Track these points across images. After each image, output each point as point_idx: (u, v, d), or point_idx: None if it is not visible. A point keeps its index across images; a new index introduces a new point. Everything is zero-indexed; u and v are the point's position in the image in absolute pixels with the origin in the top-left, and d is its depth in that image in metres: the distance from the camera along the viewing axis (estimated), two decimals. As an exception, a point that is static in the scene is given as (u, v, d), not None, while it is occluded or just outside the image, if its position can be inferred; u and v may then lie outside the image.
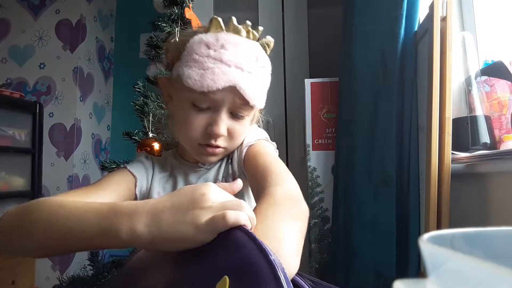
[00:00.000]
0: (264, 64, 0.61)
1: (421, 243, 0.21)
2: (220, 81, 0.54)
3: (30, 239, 0.45)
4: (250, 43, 0.60)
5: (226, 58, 0.56)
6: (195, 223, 0.37)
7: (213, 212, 0.38)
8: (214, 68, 0.55)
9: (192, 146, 0.63)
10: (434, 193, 0.90)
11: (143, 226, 0.38)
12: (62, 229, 0.43)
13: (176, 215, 0.38)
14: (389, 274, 1.05)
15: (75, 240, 0.42)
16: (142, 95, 1.19)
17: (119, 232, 0.39)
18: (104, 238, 0.40)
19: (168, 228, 0.38)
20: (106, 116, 2.45)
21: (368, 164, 1.14)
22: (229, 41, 0.57)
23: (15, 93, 1.82)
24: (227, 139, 0.62)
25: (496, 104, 0.99)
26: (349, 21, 1.28)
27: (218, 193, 0.41)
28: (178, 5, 1.22)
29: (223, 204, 0.39)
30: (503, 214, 0.82)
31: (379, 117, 1.14)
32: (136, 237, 0.38)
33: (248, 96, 0.57)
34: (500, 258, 0.21)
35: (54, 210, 0.45)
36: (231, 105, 0.59)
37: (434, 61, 0.93)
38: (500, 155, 0.81)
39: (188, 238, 0.37)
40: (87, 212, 0.43)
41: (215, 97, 0.57)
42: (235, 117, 0.61)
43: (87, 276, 1.20)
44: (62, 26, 2.16)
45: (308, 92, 1.39)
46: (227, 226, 0.36)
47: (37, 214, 0.46)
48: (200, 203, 0.38)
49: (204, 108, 0.59)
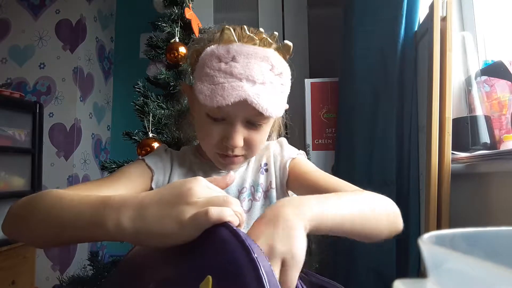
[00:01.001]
0: (282, 71, 0.59)
1: (421, 243, 0.21)
2: (230, 97, 0.53)
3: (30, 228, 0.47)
4: (263, 51, 0.58)
5: (236, 71, 0.54)
6: (179, 219, 0.37)
7: (197, 208, 0.37)
8: (224, 83, 0.54)
9: (210, 154, 0.63)
10: (434, 193, 0.90)
11: (128, 219, 0.38)
12: (58, 219, 0.44)
13: (161, 210, 0.38)
14: (389, 274, 1.05)
15: (70, 231, 0.43)
16: (142, 95, 1.19)
17: (106, 224, 0.39)
18: (94, 229, 0.40)
19: (152, 222, 0.37)
20: (106, 116, 2.45)
21: (368, 164, 1.14)
22: (241, 53, 0.56)
23: (15, 93, 1.82)
24: (245, 148, 0.61)
25: (496, 104, 0.99)
26: (349, 21, 1.28)
27: (205, 188, 0.40)
28: (178, 5, 1.22)
29: (209, 200, 0.38)
30: (503, 214, 0.82)
31: (379, 117, 1.14)
32: (121, 230, 0.38)
33: (261, 108, 0.54)
34: (500, 258, 0.21)
35: (53, 202, 0.46)
36: (246, 116, 0.58)
37: (434, 61, 0.93)
38: (500, 155, 0.81)
39: (172, 234, 0.37)
40: (81, 204, 0.43)
41: (228, 110, 0.56)
42: (251, 126, 0.59)
43: (87, 276, 1.20)
44: (62, 26, 2.16)
45: (308, 92, 1.39)
46: (210, 222, 0.36)
47: (38, 205, 0.47)
48: (186, 198, 0.38)
49: (219, 119, 0.58)
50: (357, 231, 0.48)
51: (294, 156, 0.67)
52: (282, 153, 0.68)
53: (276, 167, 0.67)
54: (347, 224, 0.46)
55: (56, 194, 0.48)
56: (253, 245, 0.33)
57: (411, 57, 1.12)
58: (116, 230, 0.39)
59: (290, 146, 0.71)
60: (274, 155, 0.69)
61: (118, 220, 0.39)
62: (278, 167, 0.67)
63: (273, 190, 0.66)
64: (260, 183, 0.66)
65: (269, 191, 0.66)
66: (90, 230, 0.41)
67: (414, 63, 1.12)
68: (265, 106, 0.54)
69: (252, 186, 0.67)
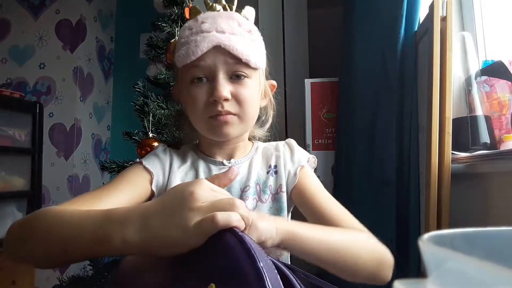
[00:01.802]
0: (250, 29, 0.62)
1: (421, 243, 0.21)
2: (202, 46, 0.56)
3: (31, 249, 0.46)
4: (228, 13, 0.62)
5: (205, 27, 0.58)
6: (184, 227, 0.36)
7: (202, 214, 0.36)
8: (197, 38, 0.58)
9: (204, 123, 0.62)
10: (434, 193, 0.90)
11: (134, 232, 0.38)
12: (60, 238, 0.43)
13: (165, 219, 0.37)
14: (389, 274, 1.05)
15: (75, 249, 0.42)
16: (142, 95, 1.19)
17: (113, 240, 0.38)
18: (102, 246, 0.40)
19: (158, 233, 0.37)
20: (106, 116, 2.45)
21: (368, 164, 1.14)
22: (207, 17, 0.61)
23: (15, 93, 1.82)
24: (235, 104, 0.60)
25: (496, 104, 0.99)
26: (349, 21, 1.28)
27: (208, 191, 0.39)
28: (178, 5, 1.22)
29: (214, 204, 0.37)
30: (503, 214, 0.82)
31: (379, 117, 1.14)
32: (128, 244, 0.38)
33: (236, 50, 0.57)
34: (500, 258, 0.21)
35: (53, 221, 0.45)
36: (226, 67, 0.58)
37: (434, 61, 0.93)
38: (500, 155, 0.81)
39: (179, 243, 0.36)
40: (82, 221, 0.42)
41: (206, 63, 0.58)
42: (235, 80, 0.60)
43: (87, 276, 1.20)
44: (62, 26, 2.16)
45: (308, 92, 1.39)
46: (217, 229, 0.35)
47: (37, 225, 0.46)
48: (189, 204, 0.37)
49: (202, 79, 0.59)
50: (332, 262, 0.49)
51: (304, 163, 0.66)
52: (292, 158, 0.67)
53: (286, 171, 0.66)
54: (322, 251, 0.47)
55: (55, 211, 0.47)
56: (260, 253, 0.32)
57: (411, 57, 1.12)
58: (123, 245, 0.38)
59: (300, 149, 0.70)
60: (284, 158, 0.67)
61: (123, 234, 0.38)
62: (288, 171, 0.66)
63: (283, 193, 0.65)
64: (269, 184, 0.65)
65: (279, 194, 0.65)
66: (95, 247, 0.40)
67: (414, 63, 1.12)
68: (239, 48, 0.57)
69: (258, 184, 0.65)
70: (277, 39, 1.72)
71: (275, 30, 1.72)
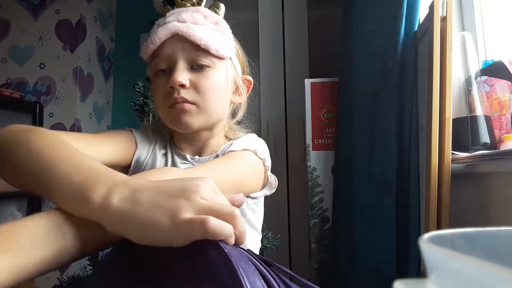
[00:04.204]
0: (217, 21, 0.63)
1: (421, 243, 0.21)
2: (161, 35, 0.58)
3: (10, 163, 0.43)
4: (195, 8, 0.63)
5: (168, 20, 0.60)
6: (172, 214, 0.32)
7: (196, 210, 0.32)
8: (158, 30, 0.59)
9: (164, 113, 0.61)
10: (434, 193, 0.90)
11: (119, 198, 0.34)
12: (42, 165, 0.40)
13: (157, 197, 0.34)
14: (389, 274, 1.05)
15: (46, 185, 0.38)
16: (142, 95, 1.19)
17: (94, 193, 0.35)
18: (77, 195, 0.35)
19: (143, 209, 0.33)
20: (106, 116, 2.45)
21: (368, 164, 1.14)
22: (174, 12, 0.62)
23: (15, 93, 1.82)
24: (193, 93, 0.58)
25: (496, 104, 0.99)
26: (349, 21, 1.28)
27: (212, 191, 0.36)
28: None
29: (212, 206, 0.33)
30: (503, 214, 0.82)
31: (379, 117, 1.14)
32: (107, 206, 0.34)
33: (194, 37, 0.57)
34: (500, 258, 0.21)
35: (44, 143, 0.43)
36: (185, 54, 0.59)
37: (434, 61, 0.93)
38: (500, 155, 0.81)
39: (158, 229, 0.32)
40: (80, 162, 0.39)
41: (166, 52, 0.58)
42: (196, 69, 0.59)
43: (87, 276, 1.20)
44: (62, 26, 2.16)
45: (308, 92, 1.39)
46: (204, 235, 0.30)
47: (27, 140, 0.44)
48: (188, 193, 0.33)
49: (165, 71, 0.60)
50: None
51: (236, 149, 0.61)
52: (232, 144, 0.64)
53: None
54: None
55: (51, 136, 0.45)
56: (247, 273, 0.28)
57: (411, 57, 1.12)
58: (101, 204, 0.34)
59: (250, 140, 0.65)
60: (226, 147, 0.64)
61: (107, 193, 0.34)
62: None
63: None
64: None
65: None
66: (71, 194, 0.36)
67: (414, 63, 1.12)
68: (197, 35, 0.57)
69: None
70: (277, 39, 1.72)
71: (275, 30, 1.73)
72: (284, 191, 1.60)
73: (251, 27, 1.73)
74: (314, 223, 1.32)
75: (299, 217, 1.53)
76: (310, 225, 1.32)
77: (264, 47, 1.72)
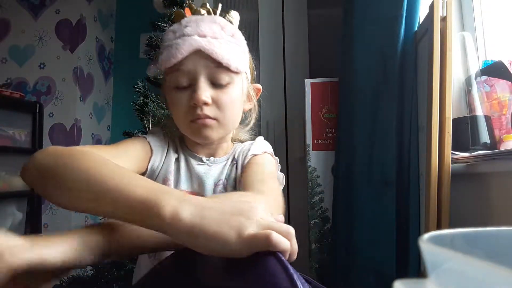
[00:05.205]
0: (233, 33, 0.63)
1: (421, 243, 0.21)
2: (183, 50, 0.57)
3: (62, 187, 0.43)
4: (212, 17, 0.63)
5: (188, 31, 0.59)
6: (239, 230, 0.36)
7: (259, 227, 0.37)
8: (178, 41, 0.59)
9: (185, 126, 0.63)
10: (434, 193, 0.90)
11: (188, 213, 0.37)
12: (102, 188, 0.41)
13: (222, 215, 0.38)
14: (389, 274, 1.05)
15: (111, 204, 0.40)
16: (142, 95, 1.19)
17: (164, 208, 0.38)
18: (146, 212, 0.38)
19: (211, 224, 0.37)
20: (106, 116, 2.45)
21: (368, 164, 1.14)
22: (191, 21, 0.61)
23: (15, 93, 1.82)
24: (215, 109, 0.61)
25: (496, 104, 0.99)
26: (349, 21, 1.28)
27: (266, 212, 0.40)
28: (178, 5, 1.22)
29: (271, 224, 0.37)
30: (503, 214, 0.82)
31: (379, 117, 1.14)
32: (177, 220, 0.37)
33: (216, 54, 0.58)
34: (500, 258, 0.21)
35: (97, 165, 0.44)
36: (207, 71, 0.59)
37: (434, 61, 0.93)
38: (500, 155, 0.81)
39: (226, 242, 0.36)
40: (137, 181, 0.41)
41: (187, 67, 0.59)
42: (217, 85, 0.61)
43: (87, 276, 1.20)
44: (62, 26, 2.16)
45: (308, 92, 1.39)
46: (268, 247, 0.35)
47: (78, 163, 0.44)
48: (248, 213, 0.38)
49: (185, 86, 0.60)
50: None
51: (257, 152, 0.68)
52: (249, 148, 0.69)
53: (240, 162, 0.68)
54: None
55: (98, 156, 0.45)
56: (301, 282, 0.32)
57: (411, 57, 1.12)
58: (172, 218, 0.37)
59: (263, 143, 0.72)
60: (243, 150, 0.70)
61: (177, 209, 0.38)
62: (241, 162, 0.68)
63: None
64: (232, 176, 0.68)
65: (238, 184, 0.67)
66: (139, 211, 0.39)
67: (414, 63, 1.12)
68: (219, 52, 0.58)
69: (226, 179, 0.68)
70: (277, 39, 1.72)
71: (275, 30, 1.73)
72: (284, 191, 1.60)
73: (251, 27, 1.73)
74: (314, 223, 1.32)
75: (299, 217, 1.53)
76: (310, 225, 1.32)
77: (264, 47, 1.72)
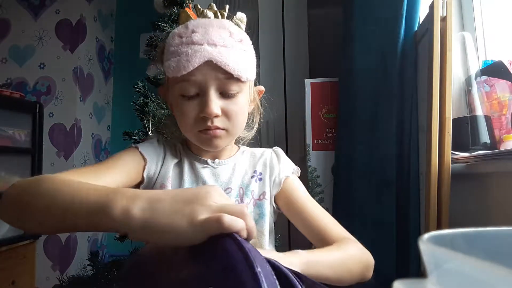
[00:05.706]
0: (241, 38, 0.62)
1: (421, 243, 0.21)
2: (194, 61, 0.56)
3: (30, 213, 0.45)
4: (220, 21, 0.61)
5: (197, 39, 0.57)
6: (190, 217, 0.36)
7: (211, 212, 0.37)
8: (188, 51, 0.56)
9: (193, 135, 0.63)
10: (434, 193, 0.90)
11: (138, 209, 0.38)
12: (62, 205, 0.42)
13: (174, 205, 0.38)
14: (389, 274, 1.05)
15: (73, 217, 0.42)
16: (142, 95, 1.19)
17: (113, 209, 0.38)
18: (99, 215, 0.39)
19: (163, 216, 0.37)
20: (106, 116, 2.45)
21: (368, 164, 1.14)
22: (198, 25, 0.59)
23: (15, 93, 1.82)
24: (224, 120, 0.61)
25: (496, 104, 0.99)
26: (349, 21, 1.28)
27: (221, 195, 0.40)
28: (178, 5, 1.22)
29: (224, 207, 0.37)
30: (503, 214, 0.82)
31: (379, 117, 1.14)
32: (128, 218, 0.37)
33: (228, 66, 0.57)
34: (500, 258, 0.21)
35: (58, 187, 0.45)
36: (217, 83, 0.58)
37: (434, 61, 0.93)
38: (500, 155, 0.81)
39: (180, 232, 0.36)
40: (89, 190, 0.43)
41: (197, 78, 0.57)
42: (226, 96, 0.60)
43: (87, 276, 1.20)
44: (62, 26, 2.16)
45: (308, 92, 1.39)
46: (220, 229, 0.35)
47: (40, 189, 0.46)
48: (202, 200, 0.38)
49: (193, 96, 0.59)
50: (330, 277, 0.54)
51: (289, 174, 0.69)
52: (279, 166, 0.69)
53: (271, 180, 0.68)
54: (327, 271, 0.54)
55: (58, 178, 0.47)
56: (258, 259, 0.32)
57: (411, 57, 1.12)
58: (123, 217, 0.37)
59: (286, 158, 0.72)
60: (271, 166, 0.70)
61: (127, 207, 0.38)
62: (273, 180, 0.68)
63: (266, 201, 0.67)
64: (252, 189, 0.67)
65: (262, 200, 0.67)
66: (93, 216, 0.39)
67: (414, 63, 1.12)
68: (230, 64, 0.57)
69: (241, 188, 0.67)
70: (277, 39, 1.72)
71: (275, 30, 1.72)
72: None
73: (251, 27, 1.72)
74: (314, 223, 1.32)
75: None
76: (310, 225, 1.32)
77: (264, 47, 1.72)
